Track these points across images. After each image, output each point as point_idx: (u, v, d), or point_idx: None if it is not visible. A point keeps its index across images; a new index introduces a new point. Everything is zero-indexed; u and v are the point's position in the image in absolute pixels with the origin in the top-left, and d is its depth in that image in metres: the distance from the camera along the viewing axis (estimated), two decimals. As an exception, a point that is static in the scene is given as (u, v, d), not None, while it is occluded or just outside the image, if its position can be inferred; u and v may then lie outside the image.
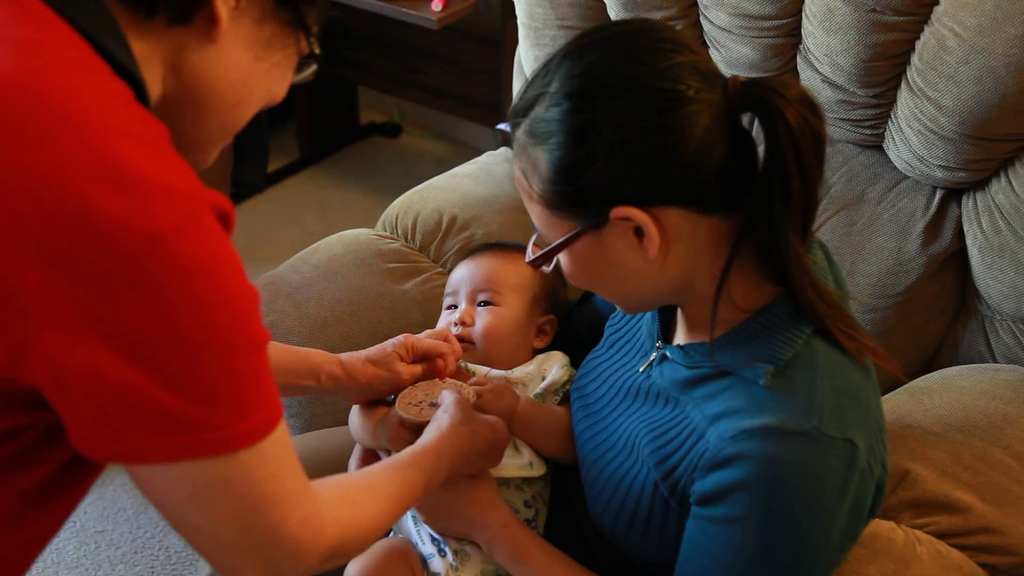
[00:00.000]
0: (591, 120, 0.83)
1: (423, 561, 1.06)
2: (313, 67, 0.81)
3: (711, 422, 0.86)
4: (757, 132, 0.85)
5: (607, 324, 1.11)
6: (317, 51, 0.79)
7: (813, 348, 0.86)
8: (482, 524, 1.00)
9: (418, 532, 1.07)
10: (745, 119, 0.85)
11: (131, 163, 0.62)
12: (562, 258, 0.89)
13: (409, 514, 1.08)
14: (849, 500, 0.84)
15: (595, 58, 0.84)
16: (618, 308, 1.14)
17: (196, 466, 0.66)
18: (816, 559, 0.85)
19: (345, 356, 1.09)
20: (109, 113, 0.64)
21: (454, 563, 1.04)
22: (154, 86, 0.72)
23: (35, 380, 0.63)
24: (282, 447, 0.71)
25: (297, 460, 0.73)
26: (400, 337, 1.11)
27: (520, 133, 0.87)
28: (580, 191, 0.84)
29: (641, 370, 0.99)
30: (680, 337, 0.97)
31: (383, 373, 1.08)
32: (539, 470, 1.07)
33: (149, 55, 0.71)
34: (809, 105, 0.82)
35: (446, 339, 1.13)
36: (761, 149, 0.84)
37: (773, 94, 0.81)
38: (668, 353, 0.95)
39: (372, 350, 1.10)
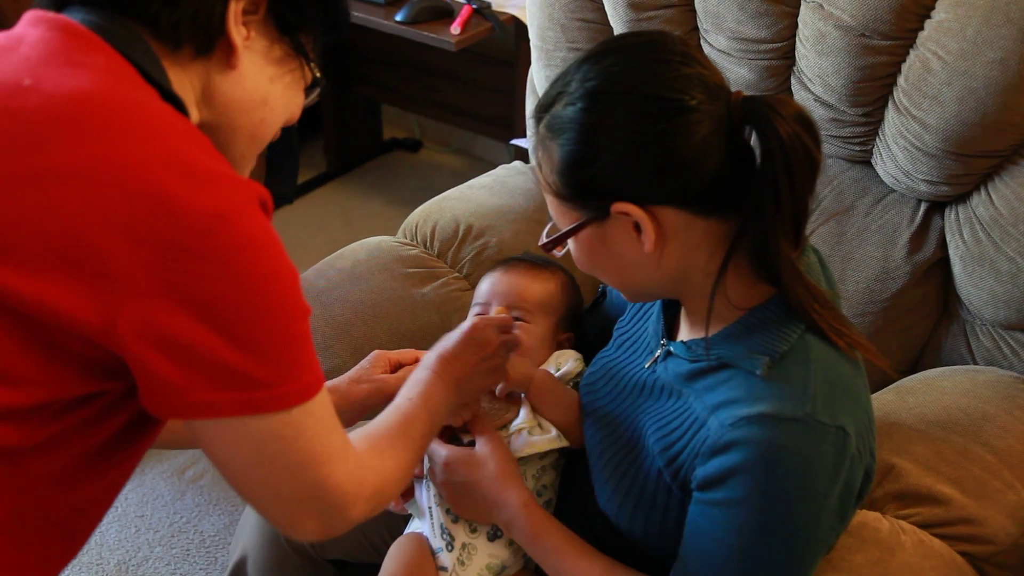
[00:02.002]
0: (600, 120, 0.84)
1: (433, 555, 1.06)
2: (317, 91, 0.86)
3: (712, 411, 0.87)
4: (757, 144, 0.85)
5: (615, 327, 1.12)
6: (317, 75, 0.84)
7: (807, 342, 0.87)
8: (502, 503, 1.00)
9: (431, 525, 1.07)
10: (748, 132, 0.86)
11: (194, 158, 0.69)
12: (570, 244, 0.91)
13: (425, 503, 1.08)
14: (840, 483, 0.85)
15: (609, 64, 0.85)
16: (624, 299, 1.14)
17: (256, 421, 0.71)
18: (809, 538, 0.86)
19: (329, 384, 1.09)
20: (171, 121, 0.71)
21: (461, 558, 1.04)
22: (191, 113, 0.77)
23: (121, 344, 0.67)
24: (327, 408, 0.76)
25: (338, 420, 0.77)
26: (372, 355, 1.11)
27: (541, 127, 0.89)
28: (585, 184, 0.86)
29: (647, 366, 1.00)
30: (683, 334, 0.98)
31: (370, 387, 1.08)
32: (566, 441, 1.07)
33: (182, 85, 0.76)
34: (804, 123, 0.83)
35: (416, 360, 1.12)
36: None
37: (770, 111, 0.82)
38: (672, 349, 0.95)
39: (352, 372, 1.11)
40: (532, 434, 1.06)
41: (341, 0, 0.85)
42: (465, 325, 1.02)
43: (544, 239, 0.93)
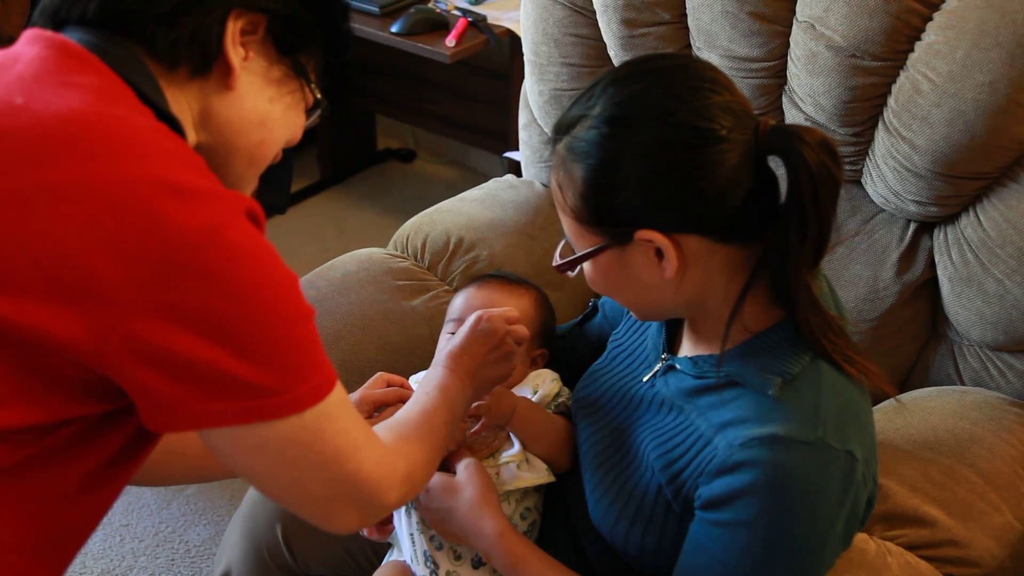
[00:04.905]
0: (626, 147, 0.83)
1: None
2: (318, 112, 0.85)
3: (718, 430, 0.86)
4: (776, 168, 0.85)
5: (610, 339, 1.11)
6: (318, 96, 0.83)
7: (818, 366, 0.86)
8: (478, 532, 0.98)
9: (414, 552, 1.06)
10: (770, 159, 0.85)
11: (183, 177, 0.68)
12: (586, 266, 0.90)
13: (407, 531, 1.07)
14: (847, 509, 0.84)
15: (637, 89, 0.84)
16: (616, 313, 1.14)
17: (270, 428, 0.70)
18: (813, 563, 0.85)
19: None
20: (161, 141, 0.70)
21: None
22: (189, 135, 0.77)
23: (114, 365, 0.67)
24: (344, 404, 0.75)
25: (358, 413, 0.77)
26: (357, 396, 1.09)
27: (560, 148, 0.87)
28: (609, 210, 0.85)
29: (645, 380, 0.99)
30: (686, 349, 0.97)
31: None
32: (553, 476, 1.06)
33: (179, 106, 0.76)
34: (828, 151, 0.82)
35: (402, 385, 1.11)
36: (782, 188, 0.85)
37: (799, 140, 0.81)
38: (677, 364, 0.94)
39: None
40: (521, 468, 1.05)
41: (343, 22, 0.84)
42: (470, 319, 1.01)
43: (558, 260, 0.91)
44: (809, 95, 1.27)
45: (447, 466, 1.05)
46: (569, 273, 0.92)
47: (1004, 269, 1.19)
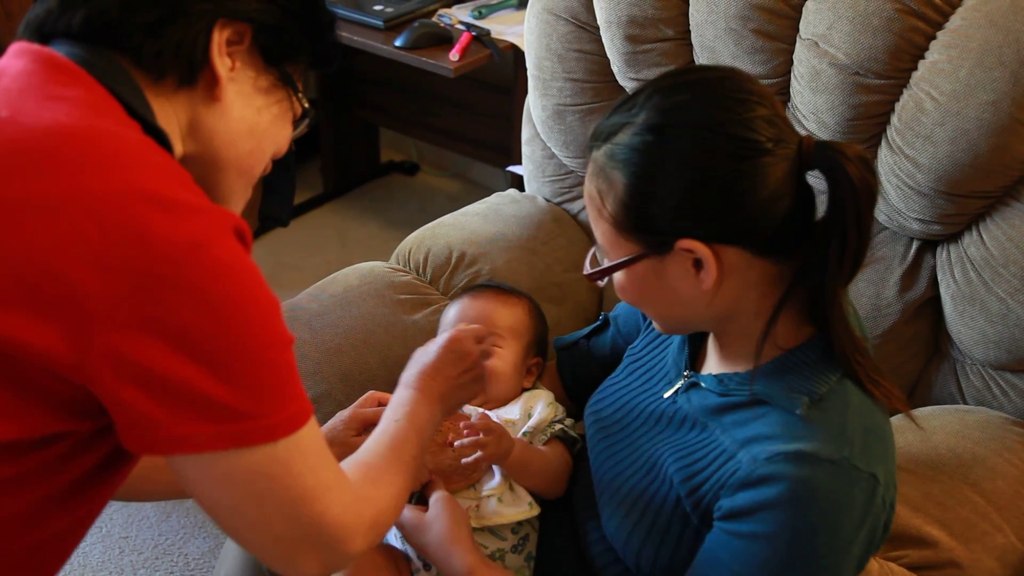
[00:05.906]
0: (671, 155, 0.83)
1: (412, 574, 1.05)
2: (306, 122, 0.85)
3: (742, 445, 0.86)
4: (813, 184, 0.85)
5: (626, 353, 1.10)
6: (306, 105, 0.83)
7: (845, 387, 0.86)
8: (448, 570, 0.98)
9: (405, 547, 1.06)
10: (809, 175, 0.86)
11: (170, 191, 0.68)
12: (617, 275, 0.89)
13: (394, 532, 1.06)
14: (865, 531, 0.84)
15: (683, 99, 0.84)
16: (627, 327, 1.12)
17: (240, 457, 0.68)
18: None
19: None
20: (148, 155, 0.70)
21: None
22: (176, 146, 0.77)
23: (93, 379, 0.66)
24: (317, 439, 0.73)
25: (330, 452, 0.75)
26: (347, 413, 1.08)
27: (599, 155, 0.87)
28: (650, 219, 0.85)
29: (666, 396, 0.98)
30: (711, 367, 0.96)
31: (341, 451, 1.02)
32: (537, 509, 1.06)
33: (167, 117, 0.75)
34: (868, 166, 0.83)
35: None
36: (820, 202, 0.85)
37: (842, 156, 0.82)
38: (701, 382, 0.94)
39: (324, 431, 1.07)
40: (503, 501, 1.05)
41: (328, 31, 0.83)
42: (441, 339, 1.00)
43: (588, 268, 0.91)
44: (812, 112, 1.27)
45: (424, 493, 1.04)
46: (600, 282, 0.91)
47: (1007, 288, 1.18)
